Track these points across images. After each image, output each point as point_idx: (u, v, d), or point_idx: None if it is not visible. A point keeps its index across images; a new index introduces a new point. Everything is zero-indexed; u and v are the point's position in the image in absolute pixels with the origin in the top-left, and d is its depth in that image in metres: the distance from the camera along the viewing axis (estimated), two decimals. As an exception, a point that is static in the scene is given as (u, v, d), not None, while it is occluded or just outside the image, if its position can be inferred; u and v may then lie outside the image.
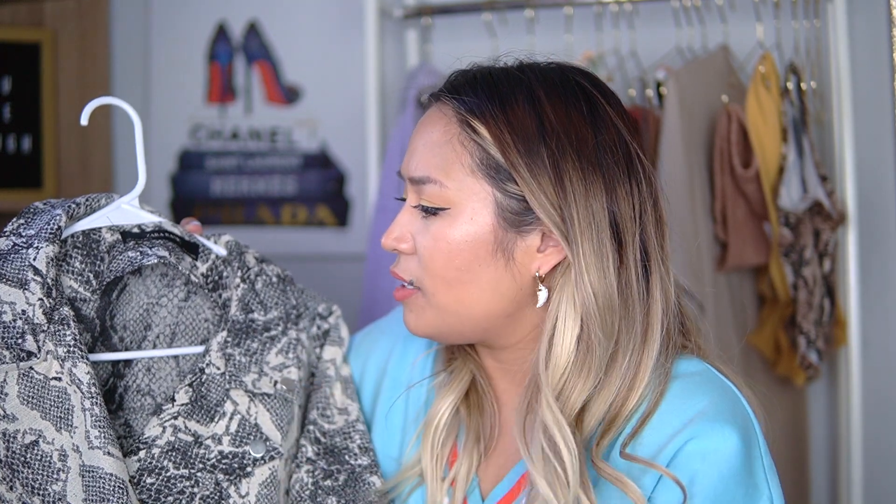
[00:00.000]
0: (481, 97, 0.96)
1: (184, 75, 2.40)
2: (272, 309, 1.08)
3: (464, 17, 2.03)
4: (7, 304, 0.92)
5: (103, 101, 1.06)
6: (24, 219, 0.98)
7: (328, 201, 2.34)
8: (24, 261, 0.93)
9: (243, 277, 1.07)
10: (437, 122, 0.99)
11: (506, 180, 0.94)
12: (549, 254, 0.95)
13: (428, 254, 0.97)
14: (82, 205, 1.00)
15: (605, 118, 0.96)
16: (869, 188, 1.88)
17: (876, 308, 1.91)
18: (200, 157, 2.38)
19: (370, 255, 1.94)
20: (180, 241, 1.03)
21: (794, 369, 1.83)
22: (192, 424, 0.99)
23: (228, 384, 1.02)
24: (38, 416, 0.91)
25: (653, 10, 1.92)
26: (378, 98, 2.07)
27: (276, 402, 1.03)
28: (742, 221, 1.80)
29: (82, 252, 0.99)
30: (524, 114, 0.94)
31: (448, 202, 0.96)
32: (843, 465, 1.87)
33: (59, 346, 0.93)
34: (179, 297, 1.08)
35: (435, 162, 0.97)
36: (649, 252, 0.95)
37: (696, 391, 0.95)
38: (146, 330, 1.06)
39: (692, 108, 1.77)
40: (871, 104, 1.89)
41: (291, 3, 2.34)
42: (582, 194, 0.92)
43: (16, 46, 2.31)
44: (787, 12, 1.85)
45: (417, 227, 0.99)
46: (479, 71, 1.01)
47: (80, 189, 2.37)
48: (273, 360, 1.06)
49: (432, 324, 1.00)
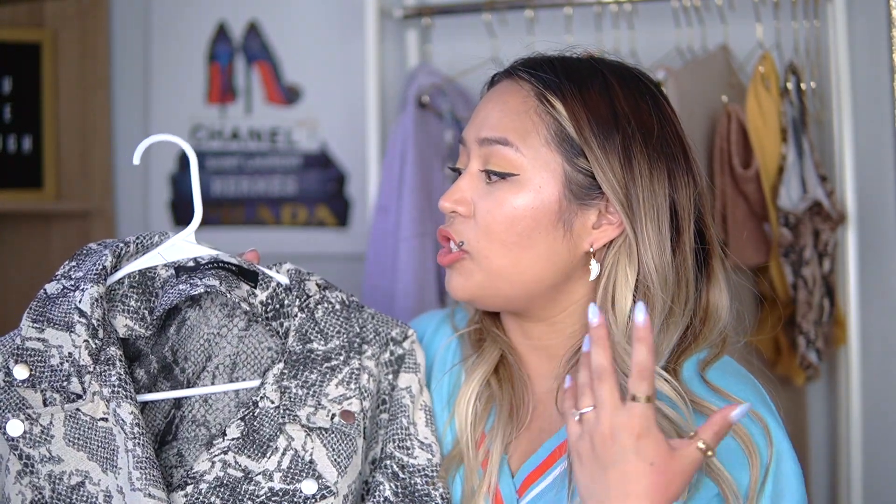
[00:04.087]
0: (560, 76, 1.02)
1: (184, 75, 2.40)
2: (333, 338, 1.04)
3: (464, 17, 2.03)
4: (55, 348, 0.93)
5: (156, 139, 1.04)
6: (75, 261, 0.99)
7: (328, 201, 2.34)
8: (70, 304, 0.94)
9: (301, 306, 1.03)
10: (515, 93, 1.03)
11: (577, 155, 0.99)
12: (604, 230, 1.01)
13: (491, 217, 1.01)
14: (132, 243, 1.01)
15: (666, 113, 1.04)
16: (869, 188, 1.88)
17: (876, 308, 1.91)
18: (200, 158, 2.38)
19: (370, 255, 1.94)
20: (237, 271, 1.01)
21: (793, 369, 1.83)
22: (242, 459, 0.97)
23: (283, 418, 0.99)
24: (84, 457, 0.92)
25: (653, 11, 1.92)
26: (378, 98, 2.07)
27: (334, 437, 0.99)
28: (742, 221, 1.80)
29: (138, 291, 0.99)
30: (598, 97, 1.00)
31: (518, 168, 1.00)
32: (842, 465, 1.87)
33: (105, 387, 0.93)
34: (240, 327, 1.06)
35: (513, 126, 1.01)
36: (709, 241, 1.03)
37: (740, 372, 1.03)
38: (207, 360, 1.05)
39: (692, 109, 1.77)
40: (871, 104, 1.89)
41: (291, 3, 2.34)
42: (647, 177, 0.98)
43: (16, 47, 2.31)
44: (787, 12, 1.85)
45: (479, 191, 1.02)
46: (554, 56, 1.06)
47: (81, 189, 2.37)
48: (333, 392, 1.01)
49: (479, 286, 1.03)
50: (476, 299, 1.05)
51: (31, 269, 2.36)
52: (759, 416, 0.96)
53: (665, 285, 0.98)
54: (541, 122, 1.00)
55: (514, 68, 1.06)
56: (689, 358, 1.01)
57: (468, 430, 1.05)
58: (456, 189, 1.04)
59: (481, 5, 1.96)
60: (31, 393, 0.92)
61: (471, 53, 1.91)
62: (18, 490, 0.91)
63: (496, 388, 1.07)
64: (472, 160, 1.04)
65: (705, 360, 1.01)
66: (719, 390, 0.98)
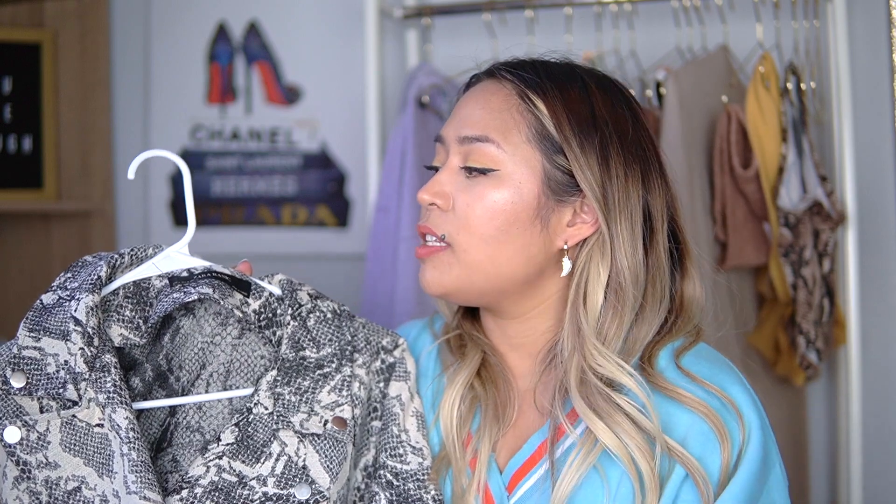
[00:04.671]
0: (541, 77, 1.05)
1: (184, 75, 2.40)
2: (325, 346, 1.06)
3: (464, 17, 2.03)
4: (51, 356, 0.95)
5: (151, 154, 1.06)
6: (70, 272, 1.01)
7: (328, 201, 2.34)
8: (66, 313, 0.96)
9: (294, 315, 1.06)
10: (496, 92, 1.05)
11: (556, 153, 1.02)
12: (578, 228, 1.04)
13: (470, 210, 1.02)
14: (126, 255, 1.03)
15: (640, 119, 1.07)
16: (868, 188, 1.89)
17: (875, 308, 1.91)
18: (201, 158, 2.38)
19: (370, 255, 1.94)
20: (230, 280, 1.03)
21: (793, 369, 1.83)
22: (237, 465, 0.98)
23: (276, 424, 1.01)
24: (80, 462, 0.94)
25: (653, 11, 1.92)
26: (378, 98, 2.07)
27: (327, 443, 1.01)
28: (742, 221, 1.80)
29: (132, 301, 1.01)
30: (579, 98, 1.04)
31: (499, 164, 1.02)
32: (842, 465, 1.87)
33: (100, 393, 0.95)
34: (233, 335, 1.08)
35: (494, 125, 1.03)
36: (683, 242, 1.08)
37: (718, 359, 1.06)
38: (201, 369, 1.07)
39: (692, 109, 1.77)
40: (871, 104, 1.90)
41: (291, 3, 2.34)
42: (622, 178, 1.02)
43: (16, 47, 2.31)
44: (787, 13, 1.85)
45: (459, 186, 1.04)
46: (535, 59, 1.09)
47: (81, 189, 2.37)
48: (325, 399, 1.04)
49: (456, 280, 1.04)
50: (451, 294, 1.07)
51: (31, 269, 2.36)
52: (731, 402, 0.99)
53: (636, 283, 1.02)
54: (522, 119, 1.03)
55: (496, 69, 1.08)
56: (664, 347, 1.04)
57: (454, 431, 1.07)
58: (435, 182, 1.05)
59: (481, 5, 1.96)
60: (27, 401, 0.94)
61: (471, 53, 1.91)
62: (16, 496, 0.93)
63: (480, 390, 1.09)
64: (452, 156, 1.06)
65: (679, 348, 1.04)
66: (692, 375, 1.01)
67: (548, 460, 1.01)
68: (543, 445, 1.03)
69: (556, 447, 1.01)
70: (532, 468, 1.03)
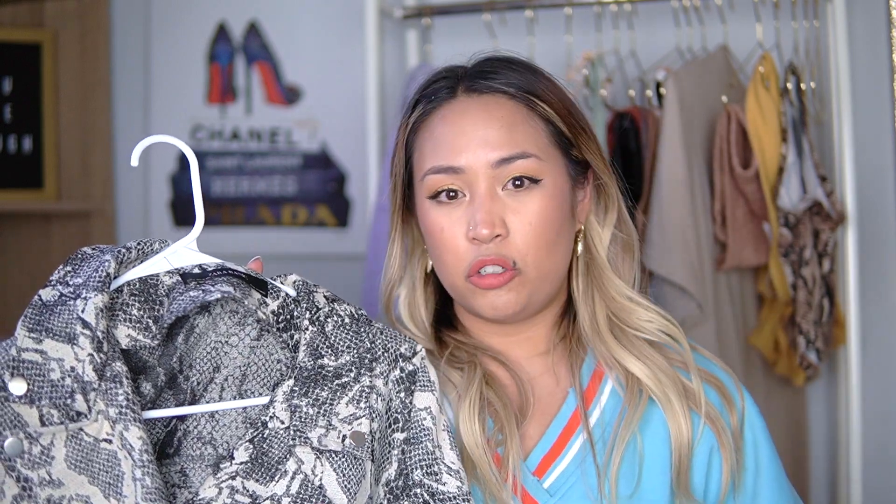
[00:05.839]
0: (529, 79, 1.06)
1: (184, 75, 2.40)
2: (344, 353, 0.98)
3: (464, 17, 2.03)
4: (55, 361, 0.86)
5: (155, 140, 0.98)
6: (70, 266, 0.92)
7: (328, 201, 2.34)
8: (71, 313, 0.87)
9: (312, 319, 0.98)
10: (500, 107, 1.05)
11: (569, 147, 1.06)
12: (581, 202, 1.10)
13: (530, 228, 1.03)
14: (133, 249, 0.94)
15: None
16: (868, 188, 1.89)
17: (875, 308, 1.91)
18: (201, 158, 2.38)
19: (370, 255, 1.94)
20: (246, 279, 0.96)
21: (793, 369, 1.83)
22: (250, 484, 0.91)
23: (293, 440, 0.94)
24: (85, 480, 0.86)
25: (652, 11, 1.92)
26: (378, 98, 2.07)
27: (345, 461, 0.94)
28: (741, 221, 1.80)
29: (139, 299, 0.92)
30: (557, 90, 1.08)
31: (541, 173, 1.03)
32: (842, 465, 1.87)
33: (111, 407, 0.86)
34: (251, 336, 1.00)
35: (520, 138, 1.03)
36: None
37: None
38: (215, 371, 0.99)
39: (692, 109, 1.77)
40: (871, 104, 1.90)
41: (291, 3, 2.34)
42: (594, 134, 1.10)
43: (16, 47, 2.31)
44: (787, 13, 1.85)
45: (505, 209, 1.03)
46: (497, 58, 1.10)
47: (81, 189, 2.37)
48: (343, 411, 0.96)
49: (528, 296, 1.05)
50: (524, 310, 1.06)
51: (31, 269, 2.36)
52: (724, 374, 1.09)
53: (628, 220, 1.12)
54: (538, 125, 1.04)
55: (476, 86, 1.07)
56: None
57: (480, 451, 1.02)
58: (487, 215, 1.01)
59: (481, 5, 1.96)
60: (26, 409, 0.85)
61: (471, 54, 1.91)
62: None
63: (494, 398, 1.06)
64: (483, 182, 1.02)
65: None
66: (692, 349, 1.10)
67: (577, 439, 1.03)
68: (567, 429, 1.05)
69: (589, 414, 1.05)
70: (562, 451, 1.04)
